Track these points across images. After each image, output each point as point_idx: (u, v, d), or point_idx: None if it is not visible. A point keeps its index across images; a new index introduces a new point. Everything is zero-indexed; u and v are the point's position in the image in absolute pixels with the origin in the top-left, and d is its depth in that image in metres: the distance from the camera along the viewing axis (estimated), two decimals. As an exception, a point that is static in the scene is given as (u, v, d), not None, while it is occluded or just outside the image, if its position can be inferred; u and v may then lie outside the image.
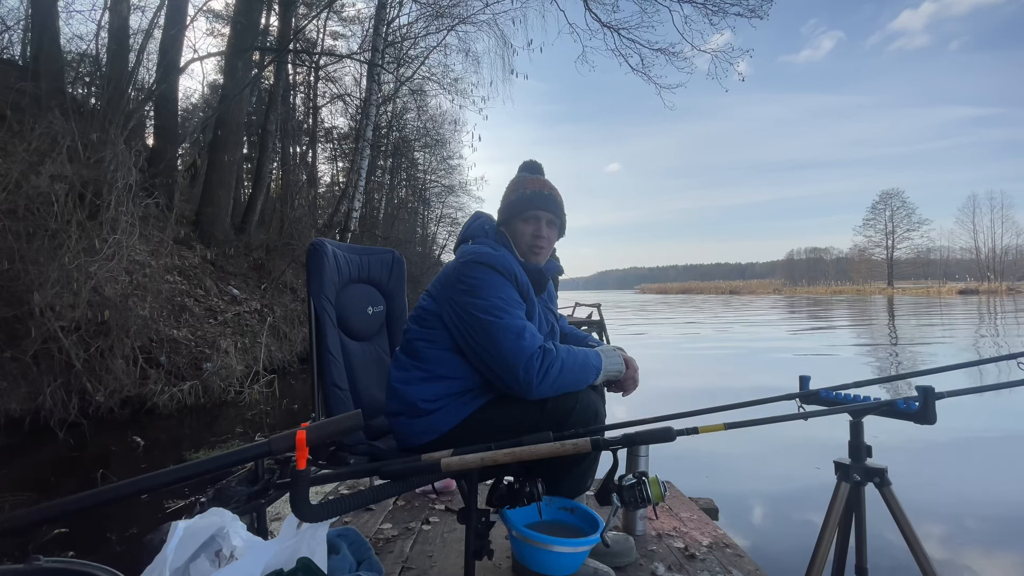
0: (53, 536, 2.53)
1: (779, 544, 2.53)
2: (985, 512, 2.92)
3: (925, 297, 47.46)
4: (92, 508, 0.73)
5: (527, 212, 1.50)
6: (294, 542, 0.89)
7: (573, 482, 1.50)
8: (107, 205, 5.23)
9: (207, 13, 14.13)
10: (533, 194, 1.51)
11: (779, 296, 61.75)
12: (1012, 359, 1.22)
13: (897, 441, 3.83)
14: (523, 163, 1.66)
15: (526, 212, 1.50)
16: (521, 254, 1.53)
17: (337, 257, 1.63)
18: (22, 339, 4.42)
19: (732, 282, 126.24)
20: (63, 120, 5.20)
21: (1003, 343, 10.71)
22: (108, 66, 7.07)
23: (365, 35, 14.02)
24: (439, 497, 2.21)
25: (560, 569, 1.40)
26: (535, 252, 1.52)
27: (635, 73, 11.75)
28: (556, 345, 1.37)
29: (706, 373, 8.15)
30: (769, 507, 3.05)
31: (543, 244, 1.52)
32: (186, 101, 16.02)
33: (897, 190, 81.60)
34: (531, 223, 1.51)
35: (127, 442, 4.18)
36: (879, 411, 1.10)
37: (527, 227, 1.51)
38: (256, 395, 5.73)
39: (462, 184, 25.27)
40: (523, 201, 1.51)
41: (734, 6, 10.65)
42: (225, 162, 9.10)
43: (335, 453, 1.41)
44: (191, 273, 7.39)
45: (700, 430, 1.01)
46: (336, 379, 1.48)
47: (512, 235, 1.53)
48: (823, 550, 1.14)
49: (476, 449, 1.06)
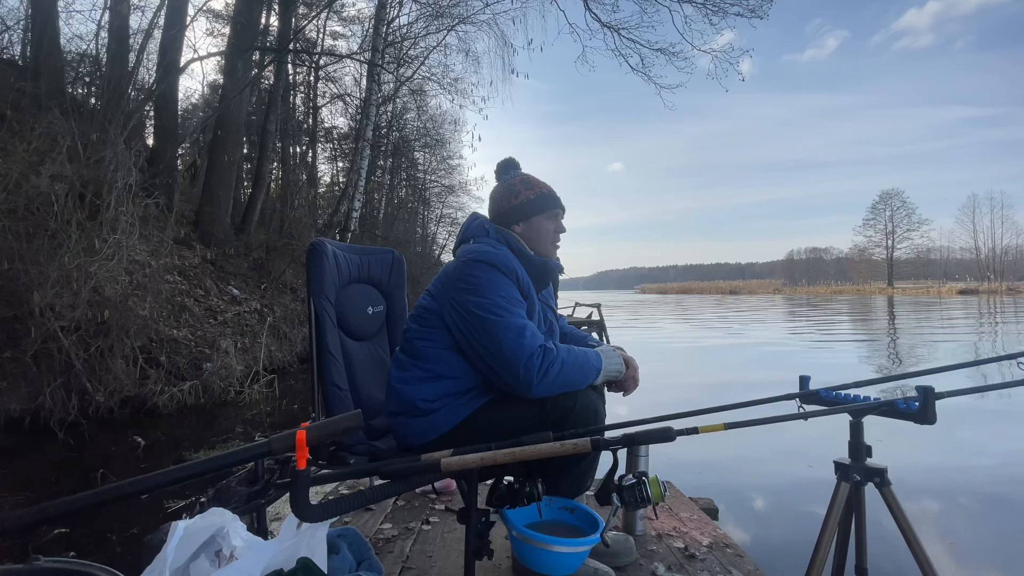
0: (53, 536, 2.53)
1: (779, 544, 2.53)
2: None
3: (925, 297, 47.47)
4: (92, 508, 0.73)
5: (552, 209, 1.56)
6: (294, 542, 0.89)
7: (573, 482, 1.50)
8: (107, 205, 5.23)
9: (207, 13, 14.15)
10: (551, 193, 1.58)
11: (776, 296, 61.70)
12: (1012, 359, 1.22)
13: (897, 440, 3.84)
14: (507, 161, 1.64)
15: (551, 209, 1.56)
16: (543, 250, 1.57)
17: (337, 257, 1.63)
18: (22, 339, 4.42)
19: (732, 282, 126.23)
20: (63, 120, 5.20)
21: (1002, 343, 10.71)
22: (108, 66, 7.07)
23: (365, 35, 14.05)
24: (439, 497, 2.21)
25: (560, 569, 1.40)
26: (557, 247, 1.61)
27: (635, 73, 11.75)
28: (556, 344, 1.37)
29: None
30: (769, 507, 3.05)
31: (560, 240, 1.61)
32: (186, 101, 16.01)
33: (897, 190, 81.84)
34: (553, 220, 1.58)
35: (127, 442, 4.18)
36: (879, 411, 1.10)
37: (551, 224, 1.57)
38: (256, 395, 5.73)
39: (462, 184, 25.30)
40: (544, 199, 1.56)
41: (734, 6, 10.64)
42: (225, 162, 9.10)
43: (335, 453, 1.41)
44: (191, 273, 7.39)
45: (700, 430, 1.01)
46: (336, 379, 1.48)
47: (535, 232, 1.56)
48: (823, 550, 1.13)
49: (476, 449, 1.06)
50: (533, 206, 1.55)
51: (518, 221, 1.56)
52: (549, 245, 1.58)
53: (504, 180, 1.61)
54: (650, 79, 11.65)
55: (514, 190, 1.57)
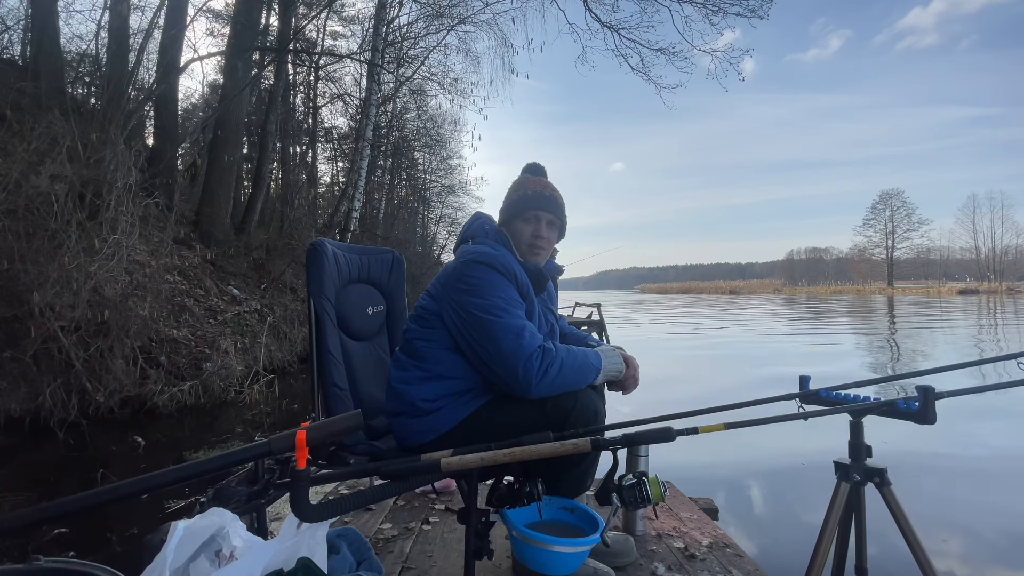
0: (53, 536, 2.53)
1: (779, 543, 2.53)
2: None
3: (925, 297, 47.48)
4: (92, 508, 0.73)
5: (527, 212, 1.52)
6: (294, 542, 0.89)
7: (573, 482, 1.50)
8: (107, 205, 5.23)
9: (207, 13, 14.12)
10: (534, 194, 1.53)
11: (774, 296, 61.73)
12: (1012, 359, 1.22)
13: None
14: (526, 165, 1.67)
15: (526, 212, 1.52)
16: (521, 254, 1.54)
17: (337, 257, 1.63)
18: (22, 339, 4.42)
19: (732, 282, 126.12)
20: (63, 120, 5.20)
21: (1003, 343, 10.71)
22: (108, 66, 7.06)
23: (365, 35, 14.03)
24: (439, 497, 2.21)
25: (560, 569, 1.40)
26: (535, 252, 1.53)
27: (635, 73, 11.76)
28: (556, 344, 1.37)
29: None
30: (769, 507, 3.05)
31: (543, 244, 1.53)
32: (186, 101, 16.03)
33: (897, 190, 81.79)
34: (531, 223, 1.53)
35: (127, 442, 4.18)
36: (879, 411, 1.10)
37: (527, 227, 1.53)
38: (256, 395, 5.73)
39: (462, 184, 25.26)
40: (524, 201, 1.53)
41: (734, 6, 10.66)
42: (225, 162, 9.10)
43: (335, 453, 1.41)
44: (191, 273, 7.38)
45: (700, 430, 1.01)
46: (336, 379, 1.48)
47: (512, 235, 1.54)
48: (823, 550, 1.14)
49: (476, 449, 1.06)
50: (512, 208, 1.55)
51: (503, 224, 1.57)
52: (525, 249, 1.53)
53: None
54: (650, 79, 11.68)
55: (508, 192, 1.59)
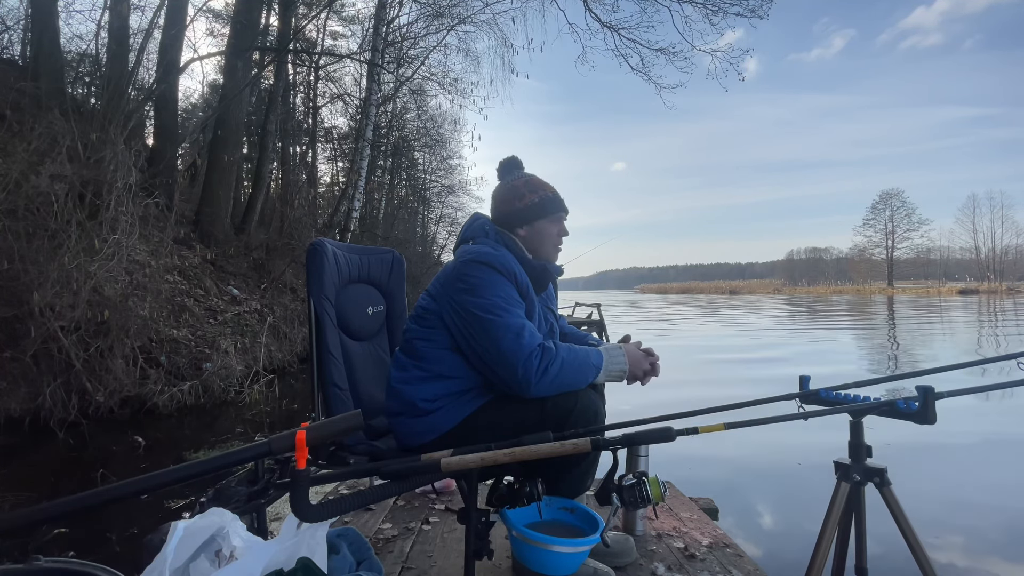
0: (53, 536, 2.53)
1: (779, 543, 2.53)
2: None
3: (925, 297, 47.48)
4: (92, 508, 0.73)
5: (557, 213, 1.56)
6: (294, 542, 0.89)
7: (573, 482, 1.50)
8: (107, 205, 5.23)
9: (207, 13, 14.14)
10: (556, 196, 1.56)
11: (772, 297, 61.73)
12: (1012, 359, 1.22)
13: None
14: (509, 161, 1.62)
15: (555, 213, 1.55)
16: (545, 254, 1.57)
17: (337, 257, 1.63)
18: (22, 339, 4.42)
19: (732, 282, 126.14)
20: (63, 120, 5.20)
21: (1003, 343, 10.71)
22: (108, 66, 7.06)
23: (365, 35, 14.03)
24: (439, 497, 2.21)
25: (560, 569, 1.40)
26: (559, 251, 1.59)
27: (635, 73, 11.76)
28: (556, 344, 1.36)
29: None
30: (769, 507, 3.05)
31: (562, 243, 1.60)
32: (186, 101, 16.01)
33: (897, 190, 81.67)
34: (557, 224, 1.57)
35: (127, 442, 4.18)
36: (879, 411, 1.10)
37: (554, 227, 1.56)
38: (256, 395, 5.73)
39: (462, 184, 25.23)
40: (550, 202, 1.55)
41: (734, 6, 10.65)
42: (225, 162, 9.10)
43: (335, 453, 1.41)
44: (191, 273, 7.39)
45: (700, 430, 1.01)
46: (336, 379, 1.48)
47: (539, 236, 1.55)
48: (823, 550, 1.14)
49: (476, 449, 1.06)
50: (538, 210, 1.53)
51: (522, 224, 1.54)
52: (552, 249, 1.57)
53: (507, 180, 1.59)
54: (650, 79, 11.68)
55: (518, 192, 1.55)
